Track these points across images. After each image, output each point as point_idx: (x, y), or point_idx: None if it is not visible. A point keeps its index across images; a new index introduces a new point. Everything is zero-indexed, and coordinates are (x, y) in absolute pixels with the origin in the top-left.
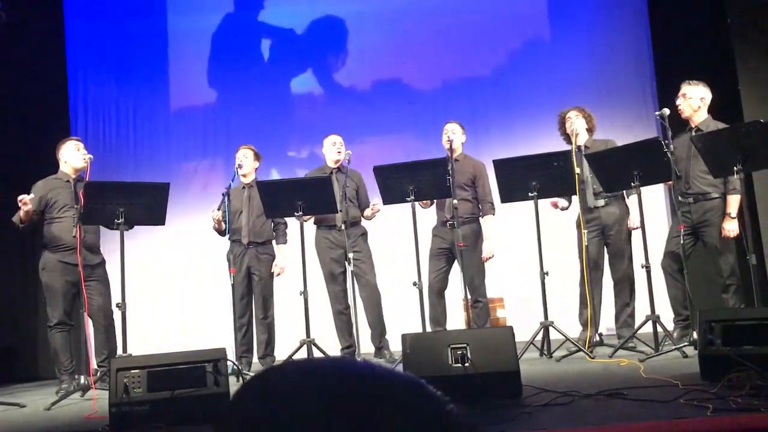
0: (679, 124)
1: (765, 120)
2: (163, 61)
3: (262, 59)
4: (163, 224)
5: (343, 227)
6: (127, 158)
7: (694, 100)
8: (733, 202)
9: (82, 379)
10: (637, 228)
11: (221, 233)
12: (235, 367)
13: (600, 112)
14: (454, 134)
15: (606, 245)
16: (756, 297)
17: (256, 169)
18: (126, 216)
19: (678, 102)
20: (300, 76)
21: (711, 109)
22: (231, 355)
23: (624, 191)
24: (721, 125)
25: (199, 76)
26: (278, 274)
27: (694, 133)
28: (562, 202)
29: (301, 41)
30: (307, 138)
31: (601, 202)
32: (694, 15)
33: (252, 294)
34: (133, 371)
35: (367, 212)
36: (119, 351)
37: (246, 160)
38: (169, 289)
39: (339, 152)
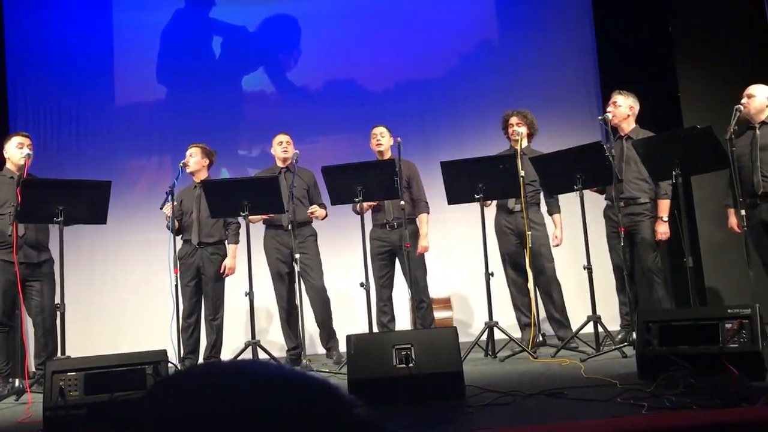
0: (612, 130)
1: (702, 126)
2: (108, 57)
3: (213, 56)
4: (104, 223)
5: (290, 228)
6: (69, 155)
7: (624, 108)
8: (664, 206)
9: (17, 383)
10: (559, 244)
11: (175, 232)
12: (177, 368)
13: (545, 116)
14: (383, 137)
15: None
16: (692, 298)
17: (209, 167)
18: (66, 214)
19: (609, 109)
20: (251, 74)
21: (652, 116)
22: (173, 356)
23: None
24: (648, 133)
25: (147, 73)
26: (226, 275)
27: (625, 141)
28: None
29: (253, 39)
30: (258, 137)
31: (517, 207)
32: (637, 23)
33: (201, 294)
34: (69, 374)
35: (305, 213)
36: (58, 353)
37: (192, 159)
38: (113, 289)
39: (285, 151)
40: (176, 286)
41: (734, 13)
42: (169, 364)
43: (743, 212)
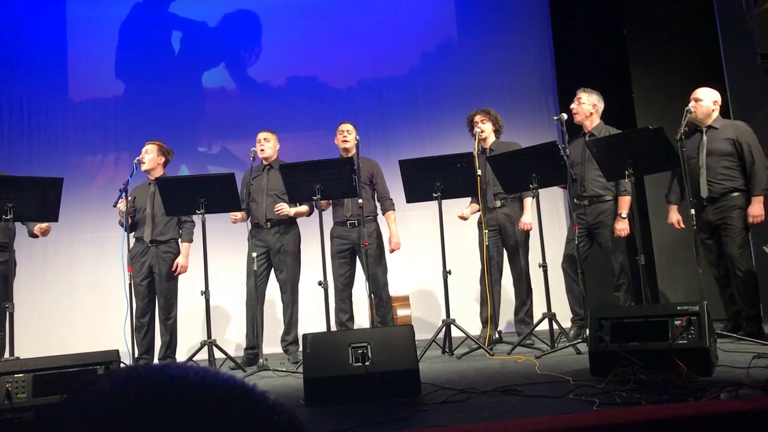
0: (575, 128)
1: (654, 127)
2: (61, 51)
3: (173, 52)
4: (56, 220)
5: (269, 225)
6: (20, 151)
7: (587, 105)
8: (624, 203)
9: None
10: (528, 229)
11: (127, 229)
12: None
13: (504, 115)
14: (349, 134)
15: (504, 245)
16: (644, 295)
17: (165, 165)
18: (15, 211)
19: (573, 107)
20: (212, 70)
21: (607, 116)
22: (127, 356)
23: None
24: (613, 131)
25: (105, 67)
26: (177, 273)
27: (587, 138)
28: (467, 212)
29: (213, 34)
30: (218, 133)
31: (498, 203)
32: (593, 26)
33: (154, 294)
34: (17, 375)
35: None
36: (6, 354)
37: (148, 156)
38: (66, 288)
39: (263, 150)
40: (130, 284)
41: (686, 17)
42: (122, 365)
43: (692, 211)
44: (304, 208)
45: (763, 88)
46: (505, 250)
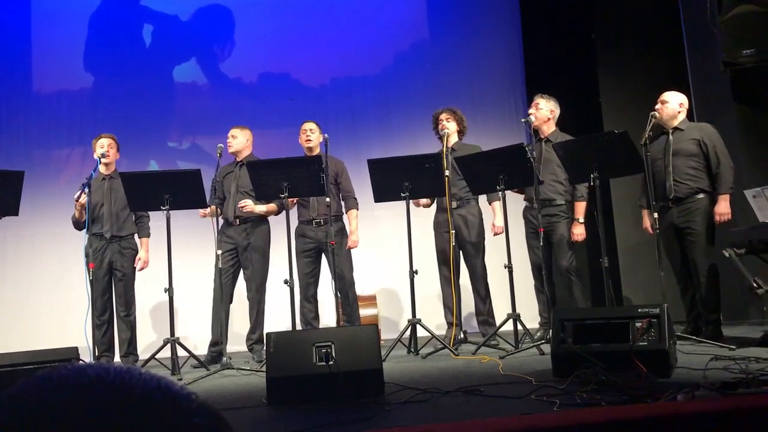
0: (534, 132)
1: (619, 131)
2: (25, 41)
3: (144, 45)
4: (16, 214)
5: (237, 222)
6: None
7: (545, 111)
8: (580, 208)
9: None
10: (500, 232)
11: (79, 226)
12: None
13: (474, 116)
14: (312, 133)
15: (460, 246)
16: (607, 297)
17: (116, 159)
18: None
19: (531, 111)
20: (183, 64)
21: (575, 120)
22: (87, 354)
23: (487, 195)
24: (568, 137)
25: (73, 59)
26: (141, 269)
27: (544, 143)
28: (424, 200)
29: (185, 28)
30: (188, 129)
31: (453, 204)
32: (563, 30)
33: (113, 290)
34: None
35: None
36: None
37: (111, 150)
38: (28, 284)
39: (230, 145)
40: (91, 281)
41: (653, 24)
42: (81, 362)
43: (656, 215)
44: (272, 206)
45: (726, 95)
46: (461, 251)
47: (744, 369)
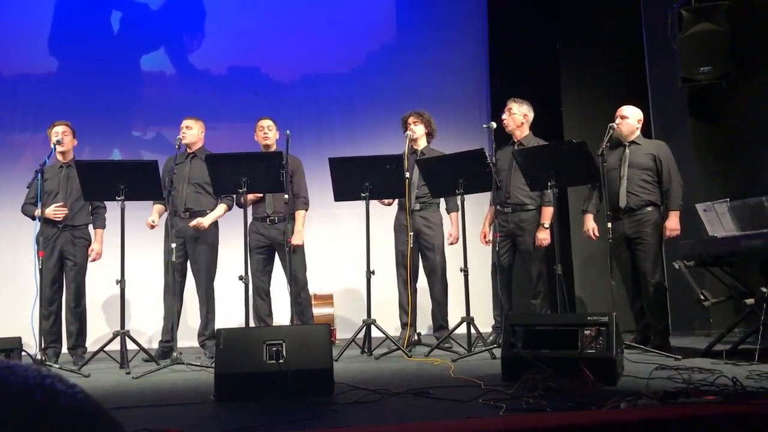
0: (505, 137)
1: (577, 141)
2: None
3: (112, 32)
4: None
5: (187, 215)
6: None
7: (518, 116)
8: (547, 213)
9: None
10: (455, 243)
11: (31, 215)
12: (38, 357)
13: (438, 120)
14: (270, 131)
15: (420, 249)
16: (559, 304)
17: (74, 147)
18: None
19: (504, 116)
20: (152, 53)
21: (537, 128)
22: (33, 344)
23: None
24: (541, 142)
25: (37, 43)
26: (93, 260)
27: (516, 147)
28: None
29: (155, 17)
30: (154, 119)
31: (416, 206)
32: (528, 39)
33: (63, 280)
34: None
35: (204, 201)
36: None
37: (66, 137)
38: None
39: (184, 136)
40: (41, 270)
41: (616, 37)
42: (24, 353)
43: (609, 225)
44: (218, 211)
45: (683, 110)
46: (420, 254)
47: (687, 379)
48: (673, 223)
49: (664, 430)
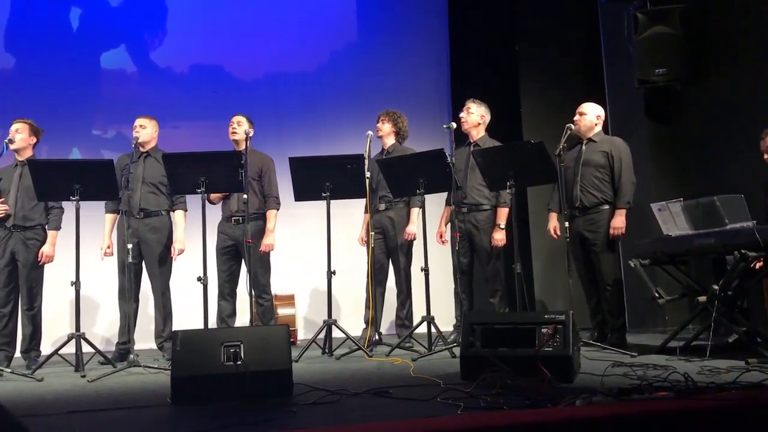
0: (461, 137)
1: (535, 141)
2: None
3: (71, 28)
4: None
5: (141, 215)
6: None
7: (476, 116)
8: (502, 214)
9: None
10: (413, 239)
11: None
12: None
13: None
14: (240, 126)
15: (387, 247)
16: (518, 303)
17: (35, 145)
18: None
19: (462, 115)
20: (112, 51)
21: (496, 128)
22: None
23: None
24: (496, 143)
25: None
26: (43, 263)
27: (472, 148)
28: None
29: (115, 14)
30: (115, 117)
31: (382, 206)
32: (488, 39)
33: (17, 282)
34: None
35: (157, 202)
36: None
37: (19, 135)
38: None
39: (138, 135)
40: None
41: (575, 38)
42: None
43: (567, 224)
44: (182, 222)
45: (639, 110)
46: (387, 253)
47: (641, 375)
48: (617, 222)
49: (619, 426)
